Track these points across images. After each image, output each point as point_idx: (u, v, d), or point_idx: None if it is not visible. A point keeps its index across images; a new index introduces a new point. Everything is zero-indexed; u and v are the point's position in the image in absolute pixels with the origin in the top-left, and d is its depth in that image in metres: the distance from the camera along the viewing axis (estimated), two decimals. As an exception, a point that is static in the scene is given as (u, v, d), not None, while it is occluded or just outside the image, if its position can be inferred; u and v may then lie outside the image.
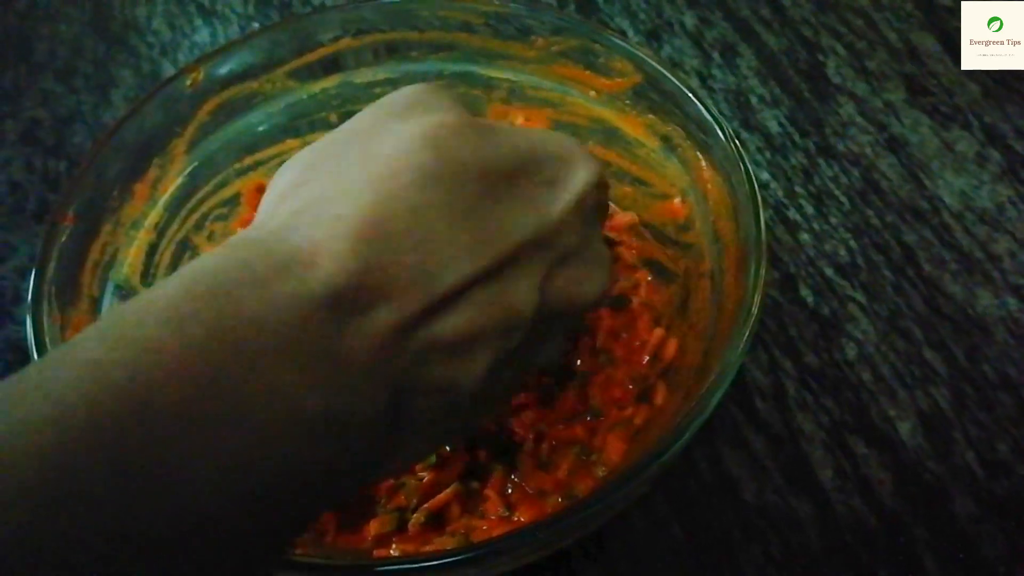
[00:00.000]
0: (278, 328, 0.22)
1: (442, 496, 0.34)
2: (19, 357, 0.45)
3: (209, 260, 0.23)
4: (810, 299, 0.44)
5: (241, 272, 0.23)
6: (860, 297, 0.44)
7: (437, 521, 0.34)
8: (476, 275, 0.25)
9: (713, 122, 0.36)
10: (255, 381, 0.21)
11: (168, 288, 0.22)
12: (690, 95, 0.37)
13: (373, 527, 0.33)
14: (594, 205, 0.30)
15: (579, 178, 0.29)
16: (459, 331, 0.25)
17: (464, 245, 0.25)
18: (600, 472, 0.35)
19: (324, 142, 0.28)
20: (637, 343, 0.38)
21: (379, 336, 0.23)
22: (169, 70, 0.56)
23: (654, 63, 0.39)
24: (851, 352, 0.42)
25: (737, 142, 0.36)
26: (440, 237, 0.25)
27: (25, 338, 0.34)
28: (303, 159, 0.28)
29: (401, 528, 0.34)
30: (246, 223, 0.43)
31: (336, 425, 0.23)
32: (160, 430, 0.20)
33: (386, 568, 0.27)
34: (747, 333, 0.31)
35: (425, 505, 0.34)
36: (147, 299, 0.22)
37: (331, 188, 0.25)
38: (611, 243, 0.40)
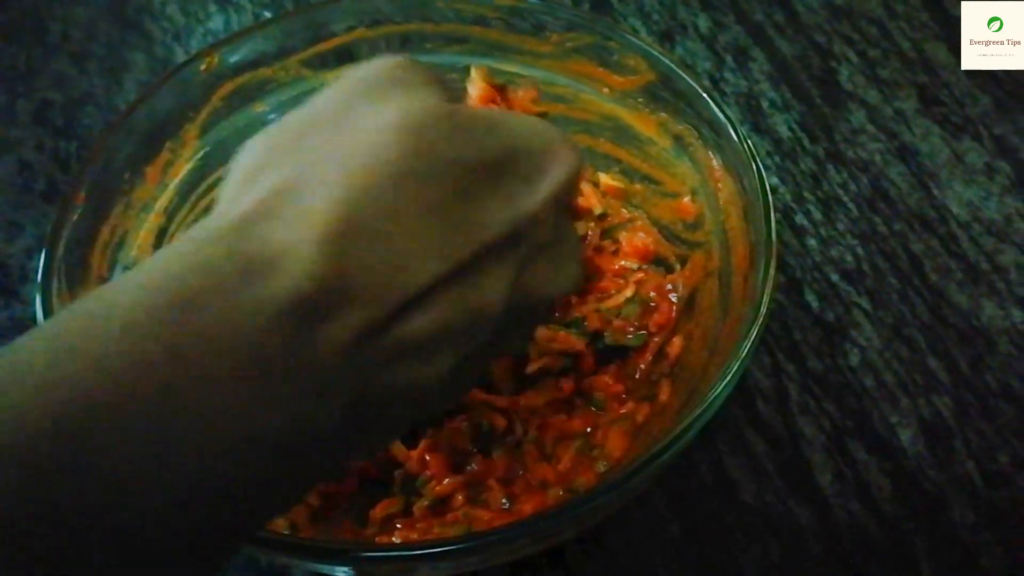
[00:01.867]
0: (239, 345, 0.21)
1: (448, 484, 0.34)
2: (25, 336, 0.45)
3: (171, 261, 0.22)
4: (815, 304, 0.44)
5: (204, 279, 0.22)
6: (865, 304, 0.44)
7: (441, 507, 0.34)
8: (446, 275, 0.24)
9: (726, 122, 0.36)
10: (209, 400, 0.21)
11: (126, 295, 0.21)
12: (704, 95, 0.38)
13: (379, 509, 0.34)
14: (570, 195, 0.29)
15: (557, 173, 0.27)
16: (425, 332, 0.24)
17: (435, 245, 0.24)
18: (601, 467, 0.35)
19: (290, 120, 0.26)
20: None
21: (344, 343, 0.23)
22: (182, 56, 0.56)
23: (668, 61, 0.39)
24: (854, 358, 0.42)
25: (750, 143, 0.36)
26: (411, 237, 0.24)
27: (32, 317, 0.34)
28: (268, 140, 0.26)
29: (406, 512, 0.34)
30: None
31: (294, 439, 0.22)
32: (104, 451, 0.19)
33: (388, 554, 0.28)
34: (755, 334, 0.31)
35: (432, 491, 0.34)
36: (103, 305, 0.21)
37: (298, 177, 0.24)
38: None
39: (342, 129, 0.25)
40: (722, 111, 0.37)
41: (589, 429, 0.36)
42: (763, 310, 0.31)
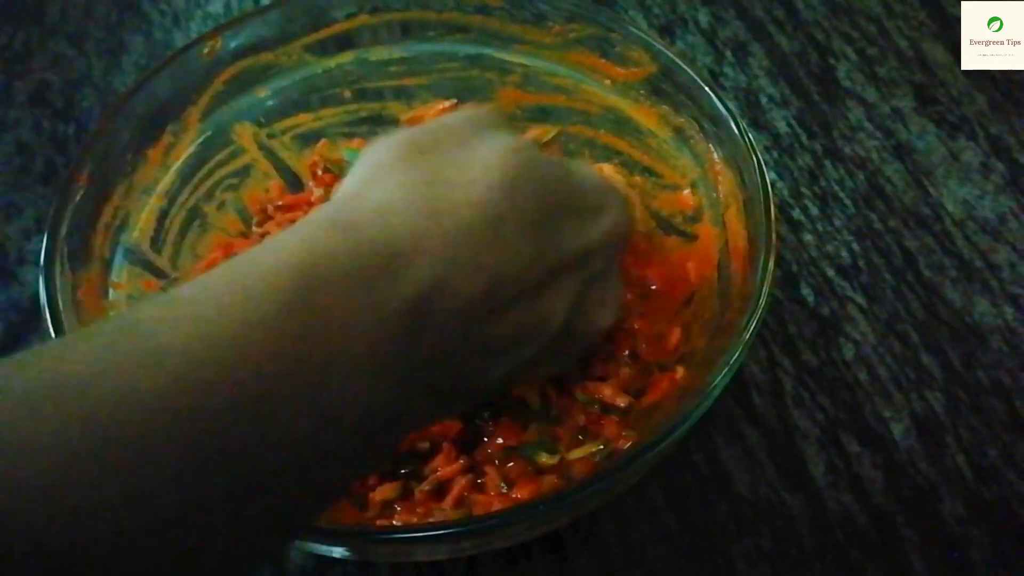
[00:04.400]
0: (363, 336, 0.24)
1: (450, 469, 0.34)
2: (23, 317, 0.45)
3: (317, 242, 0.25)
4: (811, 298, 0.44)
5: (346, 267, 0.24)
6: (860, 299, 0.44)
7: (441, 492, 0.34)
8: (531, 286, 0.28)
9: (727, 115, 0.37)
10: (329, 382, 0.23)
11: (276, 268, 0.24)
12: (705, 88, 0.38)
13: (379, 493, 0.34)
14: (620, 238, 0.33)
15: (614, 210, 0.32)
16: (499, 336, 0.28)
17: (528, 256, 0.28)
18: (598, 456, 0.35)
19: (414, 134, 0.30)
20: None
21: (447, 340, 0.26)
22: (180, 39, 0.56)
23: (670, 54, 0.39)
24: (849, 352, 0.42)
25: (750, 136, 0.36)
26: (512, 246, 0.27)
27: (30, 297, 0.34)
28: (398, 143, 0.29)
29: (406, 495, 0.34)
30: (256, 195, 0.43)
31: (393, 416, 0.25)
32: (249, 407, 0.22)
33: (387, 536, 0.28)
34: (753, 326, 0.31)
35: (434, 476, 0.34)
36: (254, 273, 0.24)
37: (424, 184, 0.27)
38: None
39: (461, 149, 0.29)
40: (723, 104, 0.37)
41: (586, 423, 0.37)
42: (762, 302, 0.32)
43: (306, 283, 0.23)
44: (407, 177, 0.28)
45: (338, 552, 0.33)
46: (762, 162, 0.35)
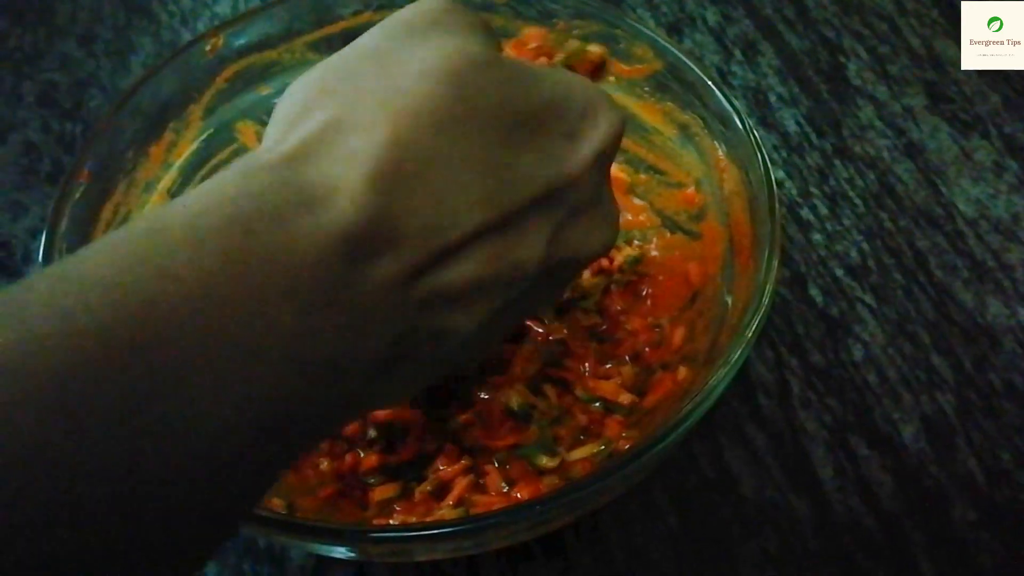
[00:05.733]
0: (292, 269, 0.22)
1: (452, 469, 0.34)
2: (25, 315, 0.45)
3: (226, 186, 0.23)
4: (819, 299, 0.44)
5: (259, 204, 0.22)
6: (869, 299, 0.43)
7: (441, 492, 0.34)
8: (486, 226, 0.24)
9: (733, 113, 0.36)
10: (262, 317, 0.21)
11: (183, 213, 0.22)
12: (711, 85, 0.37)
13: (379, 493, 0.34)
14: (608, 157, 0.29)
15: (599, 132, 0.27)
16: (463, 281, 0.24)
17: (477, 194, 0.24)
18: (600, 456, 0.35)
19: (335, 61, 0.26)
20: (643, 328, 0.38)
21: (388, 282, 0.23)
22: (188, 39, 0.56)
23: (676, 51, 0.39)
24: (857, 353, 0.42)
25: (756, 134, 0.36)
26: (454, 184, 0.24)
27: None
28: (313, 80, 0.26)
29: (407, 495, 0.34)
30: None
31: (335, 370, 0.23)
32: (171, 363, 0.20)
33: (386, 535, 0.28)
34: (756, 324, 0.31)
35: (435, 476, 0.34)
36: (160, 221, 0.22)
37: (345, 116, 0.24)
38: None
39: (386, 70, 0.25)
40: (728, 100, 0.37)
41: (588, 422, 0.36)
42: (766, 299, 0.31)
43: (223, 221, 0.21)
44: (325, 111, 0.24)
45: (338, 552, 0.32)
46: (767, 158, 0.35)
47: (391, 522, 0.32)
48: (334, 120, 0.24)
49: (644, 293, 0.39)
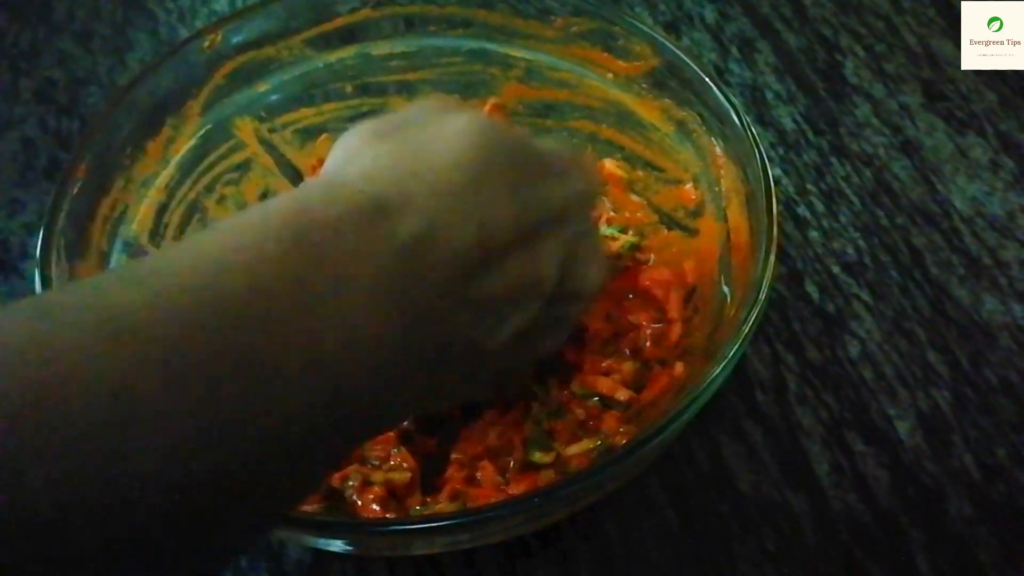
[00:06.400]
0: (372, 263, 0.25)
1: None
2: (23, 311, 0.45)
3: (310, 196, 0.27)
4: (816, 295, 0.44)
5: (344, 211, 0.26)
6: (866, 296, 0.44)
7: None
8: (516, 240, 0.29)
9: (731, 110, 0.36)
10: (339, 315, 0.24)
11: (276, 215, 0.25)
12: (708, 81, 0.37)
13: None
14: (590, 200, 0.34)
15: (582, 173, 0.34)
16: (497, 291, 0.29)
17: (513, 210, 0.29)
18: (596, 451, 0.35)
19: (382, 119, 0.32)
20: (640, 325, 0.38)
21: (443, 290, 0.27)
22: (186, 36, 0.55)
23: (673, 47, 0.39)
24: (854, 350, 0.42)
25: (753, 130, 0.36)
26: (496, 200, 0.29)
27: (31, 291, 0.34)
28: (367, 128, 0.31)
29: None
30: (257, 189, 0.43)
31: (392, 368, 0.26)
32: (270, 329, 0.23)
33: (384, 528, 0.28)
34: (753, 318, 0.31)
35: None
36: (257, 218, 0.26)
37: (402, 153, 0.29)
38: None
39: (429, 126, 0.30)
40: (726, 97, 0.37)
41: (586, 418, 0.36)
42: (763, 295, 0.31)
43: (299, 226, 0.25)
44: (384, 148, 0.29)
45: (336, 546, 0.32)
46: (765, 155, 0.35)
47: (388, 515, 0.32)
48: (390, 157, 0.29)
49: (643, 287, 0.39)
